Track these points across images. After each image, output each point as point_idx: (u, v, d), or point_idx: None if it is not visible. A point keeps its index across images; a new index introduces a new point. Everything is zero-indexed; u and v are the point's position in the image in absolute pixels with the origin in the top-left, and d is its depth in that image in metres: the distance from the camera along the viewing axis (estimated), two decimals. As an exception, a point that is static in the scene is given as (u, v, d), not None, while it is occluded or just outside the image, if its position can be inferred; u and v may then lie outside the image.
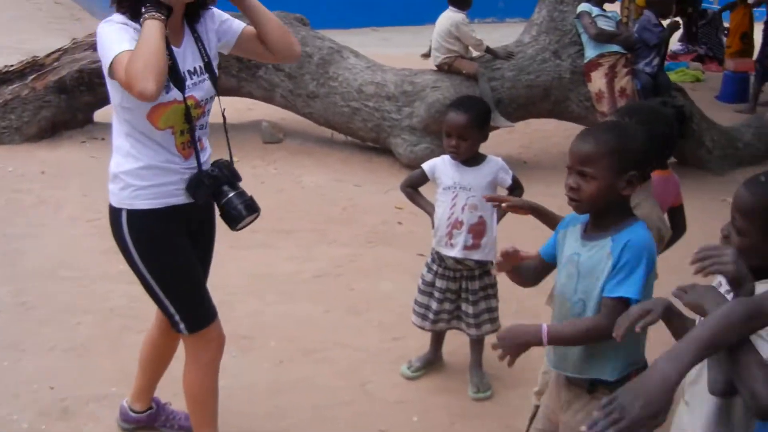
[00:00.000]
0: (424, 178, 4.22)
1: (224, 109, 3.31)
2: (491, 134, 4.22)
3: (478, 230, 4.07)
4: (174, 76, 2.98)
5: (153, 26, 2.82)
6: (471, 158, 4.06)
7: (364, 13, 16.86)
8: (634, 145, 2.64)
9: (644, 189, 3.12)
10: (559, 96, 8.12)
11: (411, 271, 5.62)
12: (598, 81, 7.65)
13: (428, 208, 4.24)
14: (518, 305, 4.68)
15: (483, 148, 4.13)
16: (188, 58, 3.09)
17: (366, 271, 5.71)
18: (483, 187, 4.05)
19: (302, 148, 8.33)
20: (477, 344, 4.36)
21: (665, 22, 8.14)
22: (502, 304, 4.34)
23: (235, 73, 8.15)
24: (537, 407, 3.14)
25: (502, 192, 4.20)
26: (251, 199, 3.24)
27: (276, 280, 5.45)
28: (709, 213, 7.05)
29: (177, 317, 3.19)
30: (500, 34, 14.52)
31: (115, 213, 3.15)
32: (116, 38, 2.88)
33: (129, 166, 3.07)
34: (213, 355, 3.33)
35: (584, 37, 7.78)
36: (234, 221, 3.20)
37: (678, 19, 10.40)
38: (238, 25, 3.27)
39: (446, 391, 4.30)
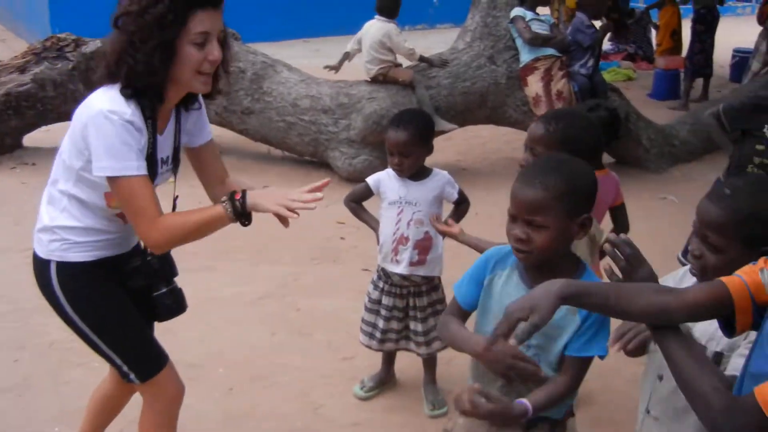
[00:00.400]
0: (368, 193, 4.13)
1: (177, 197, 3.14)
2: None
3: (424, 246, 3.99)
4: (150, 168, 2.80)
5: (220, 220, 2.72)
6: (416, 172, 3.98)
7: (294, 25, 16.79)
8: (584, 183, 2.41)
9: None
10: (496, 102, 8.10)
11: (356, 288, 5.53)
12: (534, 85, 7.67)
13: (372, 224, 4.16)
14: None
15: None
16: (166, 145, 2.93)
17: (311, 289, 5.61)
18: (429, 201, 3.97)
19: (239, 165, 8.17)
20: (429, 361, 4.28)
21: (597, 24, 8.19)
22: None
23: (167, 91, 8.00)
24: None
25: (449, 206, 4.14)
26: (181, 295, 3.15)
27: (220, 303, 5.31)
28: (651, 211, 7.15)
29: (125, 368, 3.00)
30: (431, 41, 14.60)
31: (41, 264, 2.95)
32: (121, 148, 2.64)
33: (65, 223, 2.89)
34: (169, 401, 3.15)
35: (519, 42, 7.79)
36: (159, 315, 3.12)
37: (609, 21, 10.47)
38: (207, 134, 3.13)
39: (402, 410, 4.22)
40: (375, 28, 7.80)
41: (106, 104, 2.65)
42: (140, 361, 3.05)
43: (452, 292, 2.67)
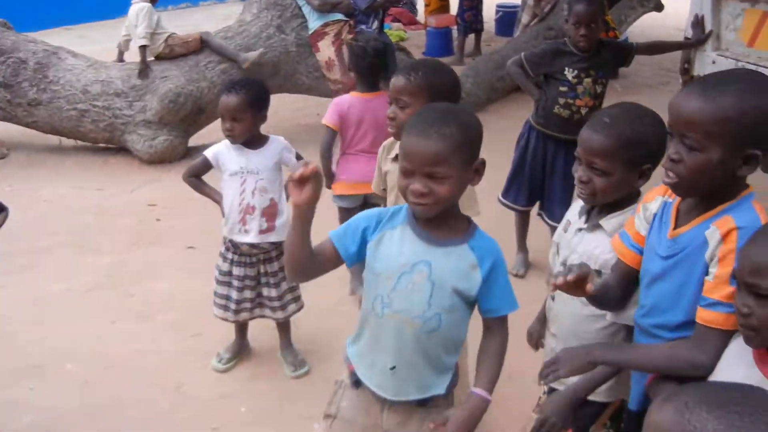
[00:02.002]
0: (206, 166, 4.09)
1: None
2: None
3: (271, 212, 4.03)
4: None
5: None
6: (254, 141, 4.00)
7: (54, 13, 16.01)
8: (476, 129, 2.34)
9: None
10: (289, 70, 8.16)
11: (186, 267, 5.51)
12: (326, 50, 7.79)
13: (215, 196, 4.13)
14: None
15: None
16: None
17: (140, 274, 5.49)
18: (270, 168, 4.01)
19: (32, 160, 7.82)
20: (284, 325, 4.35)
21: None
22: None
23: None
24: None
25: (287, 171, 4.20)
26: None
27: (50, 301, 5.09)
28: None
29: None
30: (197, 19, 14.44)
31: None
32: None
33: None
34: None
35: (306, 9, 7.88)
36: None
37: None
38: None
39: (264, 376, 4.27)
40: (134, 10, 7.74)
41: None
42: None
43: None
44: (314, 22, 7.84)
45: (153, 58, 7.82)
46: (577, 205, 2.62)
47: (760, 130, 1.95)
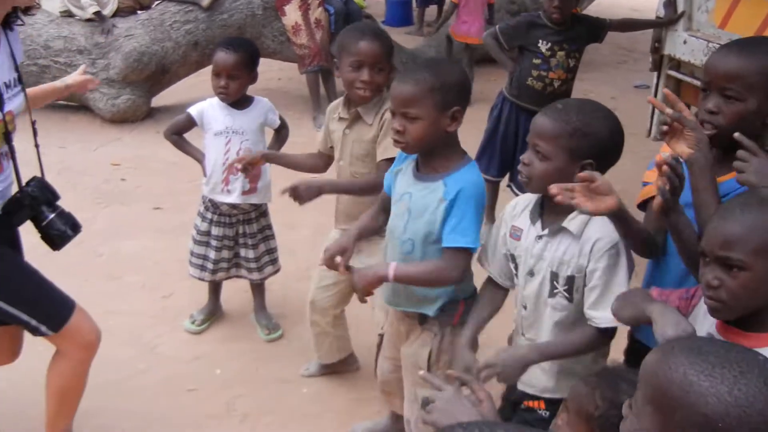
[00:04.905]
0: (190, 124, 4.04)
1: (35, 121, 3.05)
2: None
3: (254, 174, 3.98)
4: None
5: None
6: (240, 101, 3.97)
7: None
8: (452, 77, 2.60)
9: None
10: (254, 33, 8.05)
11: (153, 226, 5.47)
12: (293, 14, 7.72)
13: (197, 155, 4.09)
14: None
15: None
16: (4, 69, 2.78)
17: (107, 233, 5.42)
18: (254, 130, 3.99)
19: (-12, 114, 7.63)
20: (259, 287, 4.35)
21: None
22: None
23: None
24: (381, 336, 3.21)
25: (270, 133, 4.17)
26: (72, 216, 3.02)
27: (16, 258, 5.00)
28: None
29: (34, 322, 2.87)
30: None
31: None
32: None
33: None
34: (86, 346, 3.04)
35: (273, -28, 7.80)
36: (57, 243, 3.00)
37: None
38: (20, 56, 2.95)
39: (238, 339, 4.26)
40: None
41: None
42: (48, 310, 2.93)
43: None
44: (281, -14, 7.78)
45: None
46: (520, 209, 2.61)
47: None
